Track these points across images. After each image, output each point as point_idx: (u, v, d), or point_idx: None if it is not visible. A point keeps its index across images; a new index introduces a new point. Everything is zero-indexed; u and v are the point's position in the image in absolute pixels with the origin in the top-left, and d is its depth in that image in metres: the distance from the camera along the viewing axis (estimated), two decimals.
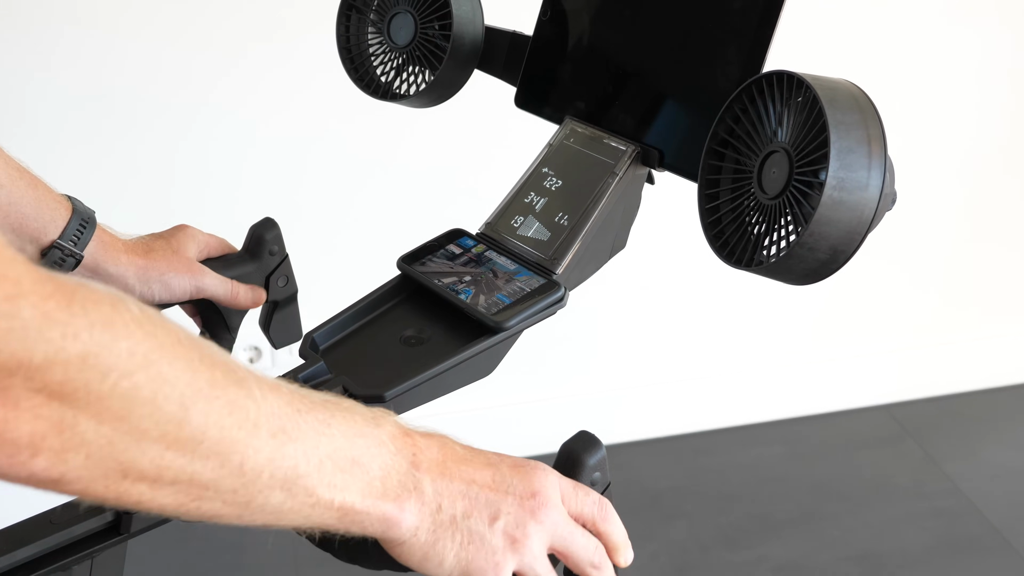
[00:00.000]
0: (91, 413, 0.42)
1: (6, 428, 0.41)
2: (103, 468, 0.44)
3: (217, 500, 0.48)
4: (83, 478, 0.43)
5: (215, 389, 0.47)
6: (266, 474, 0.49)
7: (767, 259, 0.64)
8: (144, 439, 0.44)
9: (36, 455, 0.42)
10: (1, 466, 0.42)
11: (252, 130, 1.70)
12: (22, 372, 0.40)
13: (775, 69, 0.65)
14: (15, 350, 0.40)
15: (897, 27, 1.93)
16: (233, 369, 0.49)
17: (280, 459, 0.49)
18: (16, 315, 0.40)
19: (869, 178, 0.60)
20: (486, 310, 0.74)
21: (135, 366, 0.43)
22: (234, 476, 0.48)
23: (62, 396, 0.41)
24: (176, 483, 0.46)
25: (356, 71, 0.93)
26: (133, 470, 0.45)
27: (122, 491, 0.45)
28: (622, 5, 0.82)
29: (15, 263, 0.40)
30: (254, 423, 0.48)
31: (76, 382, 0.41)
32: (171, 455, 0.45)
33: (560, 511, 0.59)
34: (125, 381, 0.43)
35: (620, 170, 0.78)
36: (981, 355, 2.28)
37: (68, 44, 1.58)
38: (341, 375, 0.72)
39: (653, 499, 1.95)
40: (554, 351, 1.97)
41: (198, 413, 0.46)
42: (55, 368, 0.41)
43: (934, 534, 1.90)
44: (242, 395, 0.48)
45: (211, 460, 0.47)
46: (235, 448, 0.47)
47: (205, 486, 0.47)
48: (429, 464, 0.56)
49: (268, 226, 0.90)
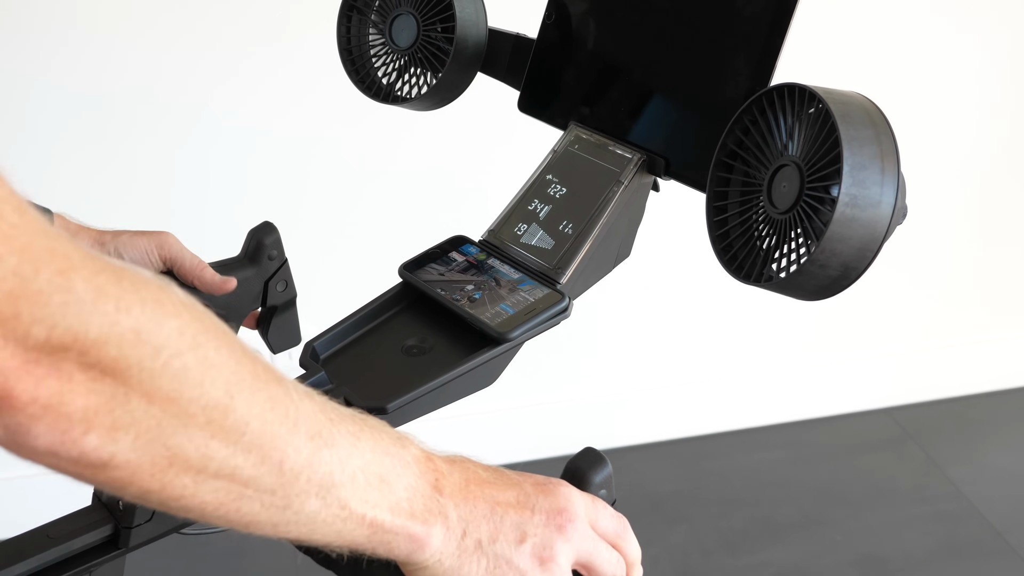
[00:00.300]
0: (142, 391, 0.42)
1: (61, 402, 0.40)
2: (151, 453, 0.43)
3: (256, 501, 0.47)
4: (131, 462, 0.43)
5: (257, 381, 0.47)
6: (304, 477, 0.48)
7: (776, 275, 0.63)
8: (191, 424, 0.44)
9: (88, 431, 0.41)
10: (53, 444, 0.41)
11: (253, 134, 1.69)
12: (77, 346, 0.40)
13: (786, 82, 0.64)
14: (71, 324, 0.39)
15: (897, 30, 1.92)
16: (271, 367, 0.49)
17: (317, 463, 0.49)
18: (70, 288, 0.39)
19: (882, 195, 0.59)
20: (489, 320, 0.73)
21: (185, 346, 0.43)
22: (273, 475, 0.47)
23: (115, 372, 0.41)
24: (218, 477, 0.46)
25: (357, 73, 0.92)
26: (179, 458, 0.44)
27: (166, 482, 0.44)
28: (629, 9, 0.80)
29: (61, 239, 0.40)
30: (294, 421, 0.48)
31: (129, 358, 0.41)
32: (216, 444, 0.45)
33: (586, 527, 0.59)
34: (176, 360, 0.43)
35: (626, 178, 0.77)
36: (983, 358, 2.27)
37: (69, 48, 1.57)
38: (342, 385, 0.71)
39: (655, 503, 1.95)
40: (556, 354, 1.96)
41: (242, 402, 0.45)
42: (109, 343, 0.40)
43: (936, 538, 1.89)
44: (281, 392, 0.48)
45: (252, 454, 0.46)
46: (275, 444, 0.47)
47: (246, 483, 0.46)
48: (452, 489, 0.55)
49: (267, 230, 0.89)
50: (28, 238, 0.39)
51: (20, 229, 0.39)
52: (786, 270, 0.63)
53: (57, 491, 1.00)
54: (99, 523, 0.63)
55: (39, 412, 0.40)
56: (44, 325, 0.39)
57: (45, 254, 0.39)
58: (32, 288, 0.38)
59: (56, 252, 0.40)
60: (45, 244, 0.39)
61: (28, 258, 0.38)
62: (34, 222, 0.39)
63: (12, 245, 0.38)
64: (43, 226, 0.40)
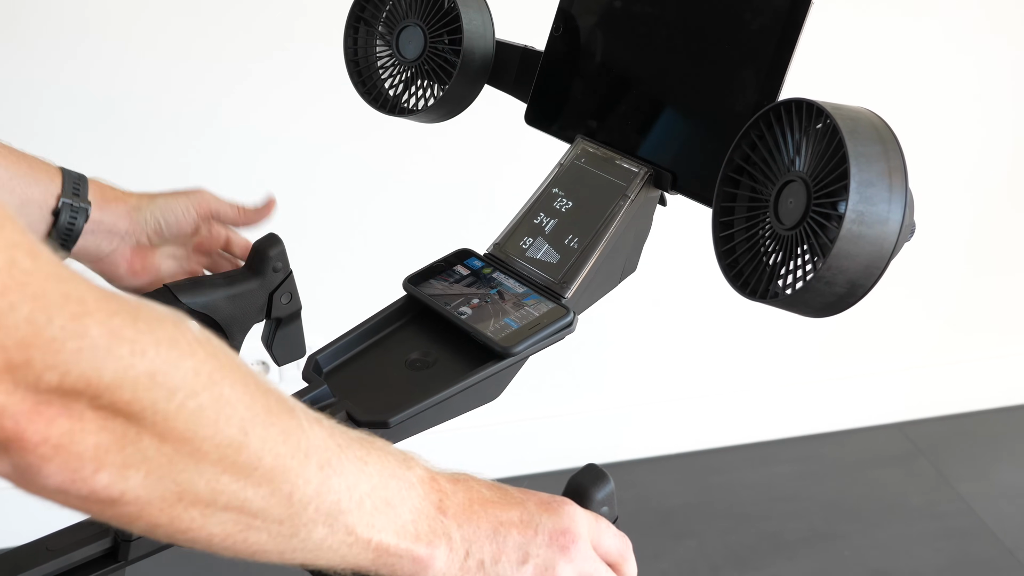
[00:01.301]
0: (155, 432, 0.42)
1: (72, 441, 0.40)
2: (160, 489, 0.43)
3: (264, 531, 0.47)
4: (140, 499, 0.43)
5: (271, 416, 0.47)
6: (312, 507, 0.48)
7: (782, 291, 0.62)
8: (204, 461, 0.44)
9: (99, 470, 0.41)
10: (63, 483, 0.41)
11: (262, 144, 1.69)
12: (90, 391, 0.40)
13: (794, 97, 0.63)
14: (84, 370, 0.39)
15: (907, 47, 1.91)
16: (283, 397, 0.49)
17: (326, 492, 0.49)
18: (85, 334, 0.39)
19: (890, 211, 0.58)
20: (493, 334, 0.73)
21: (200, 386, 0.43)
22: (283, 506, 0.47)
23: (128, 415, 0.41)
24: (227, 509, 0.46)
25: (364, 85, 0.91)
26: (189, 493, 0.44)
27: (175, 516, 0.44)
28: (637, 23, 0.80)
29: (76, 282, 0.40)
30: (305, 453, 0.48)
31: (143, 401, 0.41)
32: (226, 479, 0.45)
33: (588, 547, 0.59)
34: (191, 401, 0.43)
35: (632, 192, 0.77)
36: (994, 373, 2.25)
37: (79, 57, 1.57)
38: (344, 399, 0.71)
39: (663, 517, 1.93)
40: (563, 367, 1.95)
41: (256, 438, 0.45)
42: (124, 386, 0.40)
43: (946, 554, 1.87)
44: (293, 425, 0.48)
45: (263, 487, 0.46)
46: (287, 477, 0.47)
47: (254, 515, 0.47)
48: (456, 509, 0.55)
49: (272, 242, 0.88)
50: (41, 284, 0.38)
51: (33, 275, 0.38)
52: (792, 287, 0.62)
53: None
54: (98, 536, 0.63)
55: (50, 453, 0.40)
56: (57, 372, 0.39)
57: (59, 299, 0.39)
58: (45, 336, 0.38)
59: (70, 297, 0.39)
60: (59, 289, 0.39)
61: (42, 305, 0.38)
62: (47, 265, 0.39)
63: (25, 292, 0.38)
64: (56, 269, 0.40)
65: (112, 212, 0.84)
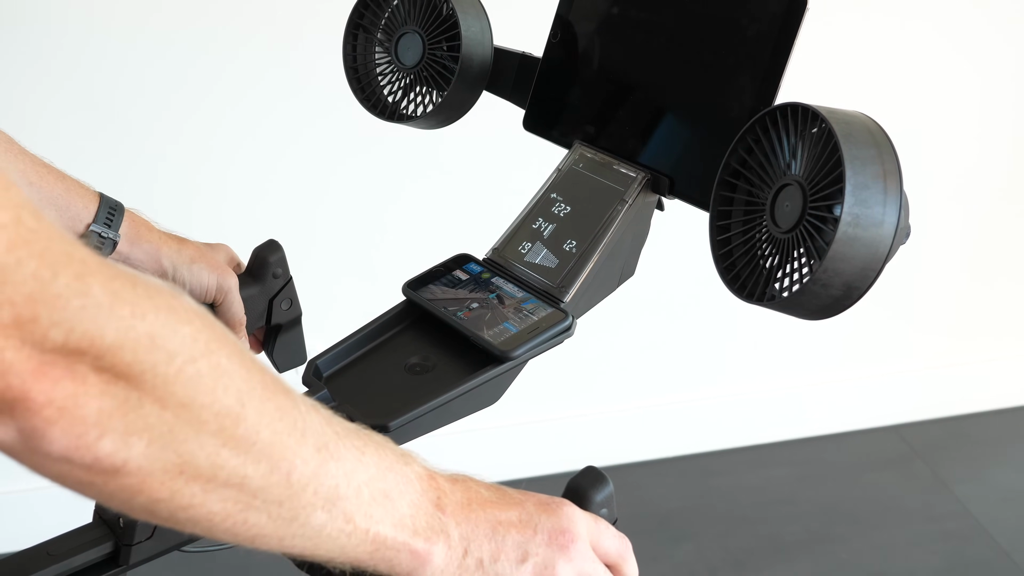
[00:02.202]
0: (156, 397, 0.42)
1: (76, 404, 0.40)
2: (163, 459, 0.43)
3: (263, 512, 0.47)
4: (143, 468, 0.43)
5: (267, 391, 0.47)
6: (311, 489, 0.48)
7: (779, 294, 0.63)
8: (203, 431, 0.44)
9: (103, 436, 0.41)
10: (67, 448, 0.41)
11: (271, 154, 1.69)
12: (93, 351, 0.40)
13: (789, 101, 0.64)
14: (88, 328, 0.39)
15: (903, 50, 1.92)
16: (278, 378, 0.49)
17: (324, 475, 0.49)
18: (88, 292, 0.40)
19: (885, 214, 0.59)
20: (492, 339, 0.73)
21: (198, 352, 0.43)
22: (282, 486, 0.47)
23: (129, 376, 0.41)
24: (228, 486, 0.46)
25: (363, 91, 0.92)
26: (190, 466, 0.44)
27: (176, 490, 0.44)
28: (634, 29, 0.81)
29: (77, 245, 0.40)
30: (301, 432, 0.48)
31: (144, 363, 0.41)
32: (226, 453, 0.45)
33: (587, 547, 0.59)
34: (190, 367, 0.43)
35: (630, 197, 0.77)
36: (991, 376, 2.26)
37: (84, 61, 1.57)
38: (345, 404, 0.71)
39: (661, 520, 1.94)
40: (561, 370, 1.96)
41: (253, 411, 0.46)
42: (125, 347, 0.41)
43: (943, 557, 1.88)
44: (289, 404, 0.48)
45: (262, 464, 0.46)
46: (284, 455, 0.47)
47: (254, 494, 0.47)
48: (454, 508, 0.55)
49: (272, 248, 0.89)
50: (46, 242, 0.39)
51: (38, 233, 0.39)
52: (788, 289, 0.63)
53: (58, 507, 1.00)
54: (99, 540, 0.63)
55: (54, 415, 0.40)
56: (62, 328, 0.39)
57: (63, 258, 0.39)
58: (51, 292, 0.39)
59: (73, 257, 0.40)
60: (62, 248, 0.40)
61: (47, 262, 0.39)
62: (51, 227, 0.40)
63: (32, 249, 0.38)
64: (59, 231, 0.40)
65: (142, 251, 0.85)
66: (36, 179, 0.80)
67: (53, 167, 0.82)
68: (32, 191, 0.79)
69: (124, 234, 0.83)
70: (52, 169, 0.82)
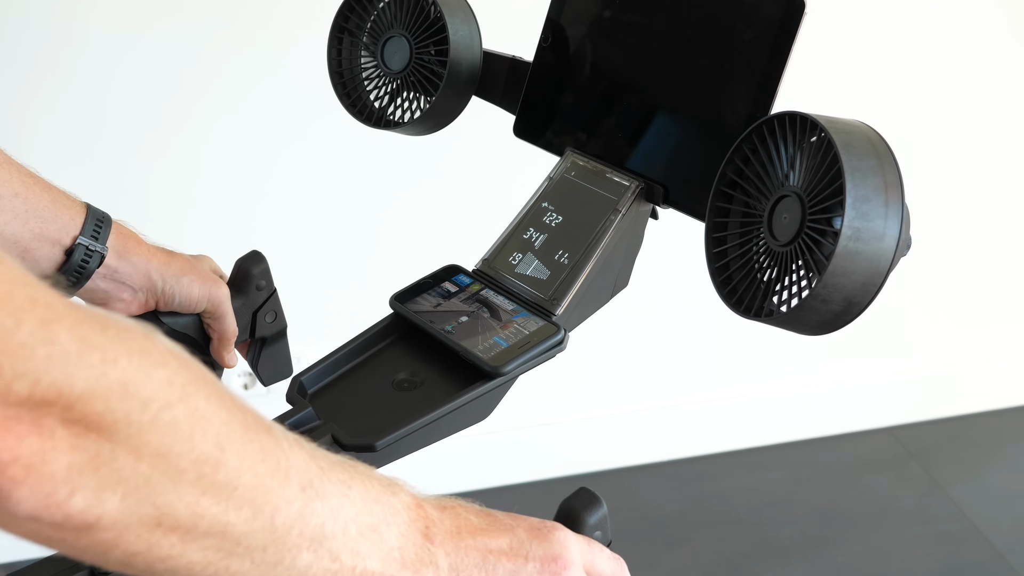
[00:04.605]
0: (130, 447, 0.40)
1: (43, 461, 0.38)
2: (139, 513, 0.41)
3: (247, 559, 0.45)
4: (118, 524, 0.41)
5: (248, 432, 0.45)
6: (295, 531, 0.47)
7: (777, 309, 0.61)
8: (181, 480, 0.42)
9: (73, 493, 0.39)
10: (36, 509, 0.39)
11: (262, 164, 1.67)
12: (61, 401, 0.38)
13: (787, 110, 0.62)
14: (55, 378, 0.37)
15: (900, 58, 1.91)
16: (260, 416, 0.47)
17: (309, 516, 0.47)
18: (55, 340, 0.37)
19: (886, 227, 0.57)
20: (482, 354, 0.71)
21: (174, 397, 0.41)
22: (266, 531, 0.45)
23: (100, 427, 0.39)
24: (208, 535, 0.44)
25: (348, 97, 0.90)
26: (168, 517, 0.42)
27: (153, 542, 0.42)
28: (627, 34, 0.79)
29: (41, 287, 0.38)
30: (285, 473, 0.46)
31: (116, 412, 0.39)
32: (206, 501, 0.43)
33: (580, 573, 0.57)
34: (165, 413, 0.41)
35: (623, 206, 0.75)
36: (985, 377, 2.25)
37: (78, 64, 1.55)
38: (330, 422, 0.69)
39: (656, 525, 1.92)
40: (554, 374, 1.94)
41: (233, 455, 0.44)
42: (96, 396, 0.38)
43: (939, 559, 1.87)
44: (272, 443, 0.46)
45: (244, 510, 0.44)
46: (267, 498, 0.45)
47: (237, 541, 0.45)
48: (443, 537, 0.53)
49: (255, 260, 0.87)
50: (8, 286, 0.37)
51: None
52: (787, 304, 0.61)
53: None
54: (73, 569, 0.61)
55: (20, 474, 0.38)
56: (27, 380, 0.37)
57: (27, 304, 0.37)
58: (14, 341, 0.36)
59: (38, 302, 0.37)
60: (25, 293, 0.37)
61: (9, 309, 0.36)
62: (13, 270, 0.37)
63: None
64: (22, 274, 0.38)
65: (131, 265, 0.82)
66: (22, 189, 0.77)
67: (39, 177, 0.80)
68: (17, 202, 0.77)
69: (112, 247, 0.80)
70: (38, 179, 0.79)
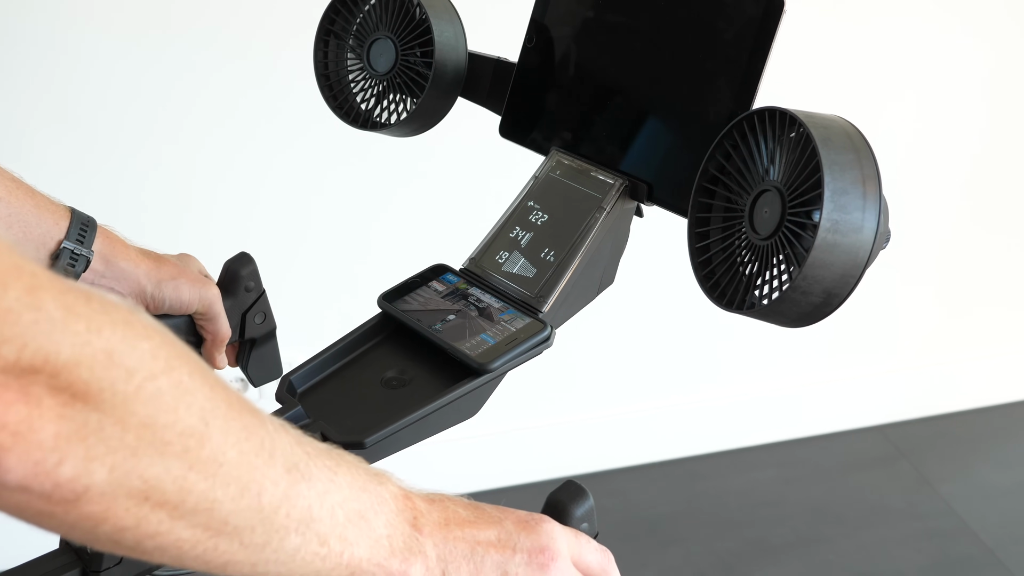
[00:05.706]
0: (116, 418, 0.40)
1: (31, 428, 0.38)
2: (127, 485, 0.41)
3: (235, 539, 0.46)
4: (106, 495, 0.41)
5: (231, 410, 0.45)
6: (283, 512, 0.47)
7: (759, 301, 0.62)
8: (167, 453, 0.42)
9: (62, 461, 0.39)
10: (25, 476, 0.39)
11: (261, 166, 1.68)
12: (48, 368, 0.38)
13: (767, 106, 0.63)
14: (41, 344, 0.37)
15: (879, 55, 1.92)
16: (244, 398, 0.47)
17: (295, 497, 0.47)
18: (40, 307, 0.37)
19: (864, 219, 0.58)
20: (470, 351, 0.72)
21: (158, 369, 0.41)
22: (253, 510, 0.46)
23: (87, 396, 0.39)
24: (196, 512, 0.44)
25: (335, 99, 0.90)
26: (156, 490, 0.42)
27: (142, 517, 0.42)
28: (610, 33, 0.80)
29: (26, 257, 0.39)
30: (270, 453, 0.46)
31: (102, 381, 0.39)
32: (193, 476, 0.43)
33: (568, 564, 0.58)
34: (150, 384, 0.41)
35: (608, 204, 0.76)
36: (974, 375, 2.26)
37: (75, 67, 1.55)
38: (320, 420, 0.70)
39: (648, 525, 1.93)
40: (544, 376, 1.94)
41: (217, 431, 0.44)
42: (81, 364, 0.39)
43: (929, 555, 1.88)
44: (256, 423, 0.47)
45: (231, 487, 0.44)
46: (253, 476, 0.45)
47: (224, 520, 0.45)
48: (431, 527, 0.54)
49: (243, 262, 0.87)
50: None
51: None
52: (768, 296, 0.62)
53: (22, 533, 0.98)
54: (66, 568, 0.62)
55: (9, 441, 0.38)
56: (14, 345, 0.37)
57: (13, 270, 0.37)
58: (1, 307, 0.37)
59: (23, 269, 0.38)
60: (11, 261, 0.38)
61: None
62: None
63: None
64: (6, 243, 0.38)
65: (118, 270, 0.81)
66: (4, 194, 0.77)
67: (22, 182, 0.80)
68: (0, 207, 0.77)
69: (98, 251, 0.80)
70: (21, 184, 0.79)
